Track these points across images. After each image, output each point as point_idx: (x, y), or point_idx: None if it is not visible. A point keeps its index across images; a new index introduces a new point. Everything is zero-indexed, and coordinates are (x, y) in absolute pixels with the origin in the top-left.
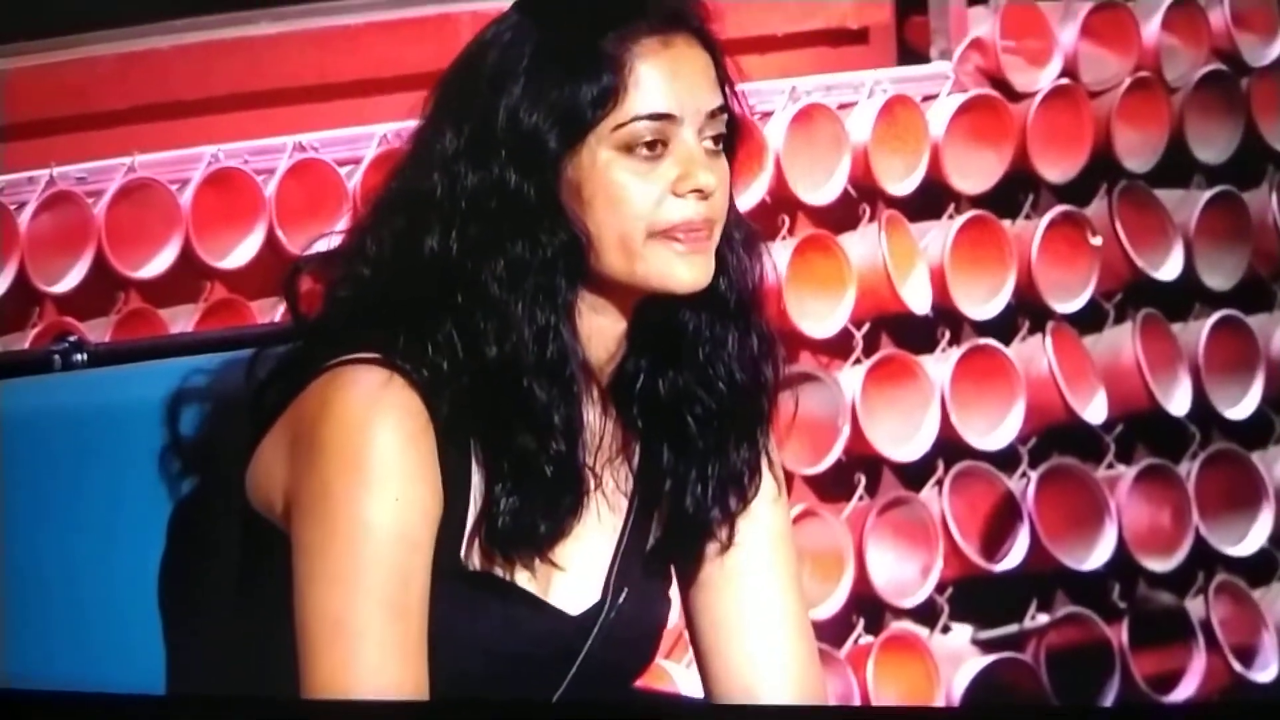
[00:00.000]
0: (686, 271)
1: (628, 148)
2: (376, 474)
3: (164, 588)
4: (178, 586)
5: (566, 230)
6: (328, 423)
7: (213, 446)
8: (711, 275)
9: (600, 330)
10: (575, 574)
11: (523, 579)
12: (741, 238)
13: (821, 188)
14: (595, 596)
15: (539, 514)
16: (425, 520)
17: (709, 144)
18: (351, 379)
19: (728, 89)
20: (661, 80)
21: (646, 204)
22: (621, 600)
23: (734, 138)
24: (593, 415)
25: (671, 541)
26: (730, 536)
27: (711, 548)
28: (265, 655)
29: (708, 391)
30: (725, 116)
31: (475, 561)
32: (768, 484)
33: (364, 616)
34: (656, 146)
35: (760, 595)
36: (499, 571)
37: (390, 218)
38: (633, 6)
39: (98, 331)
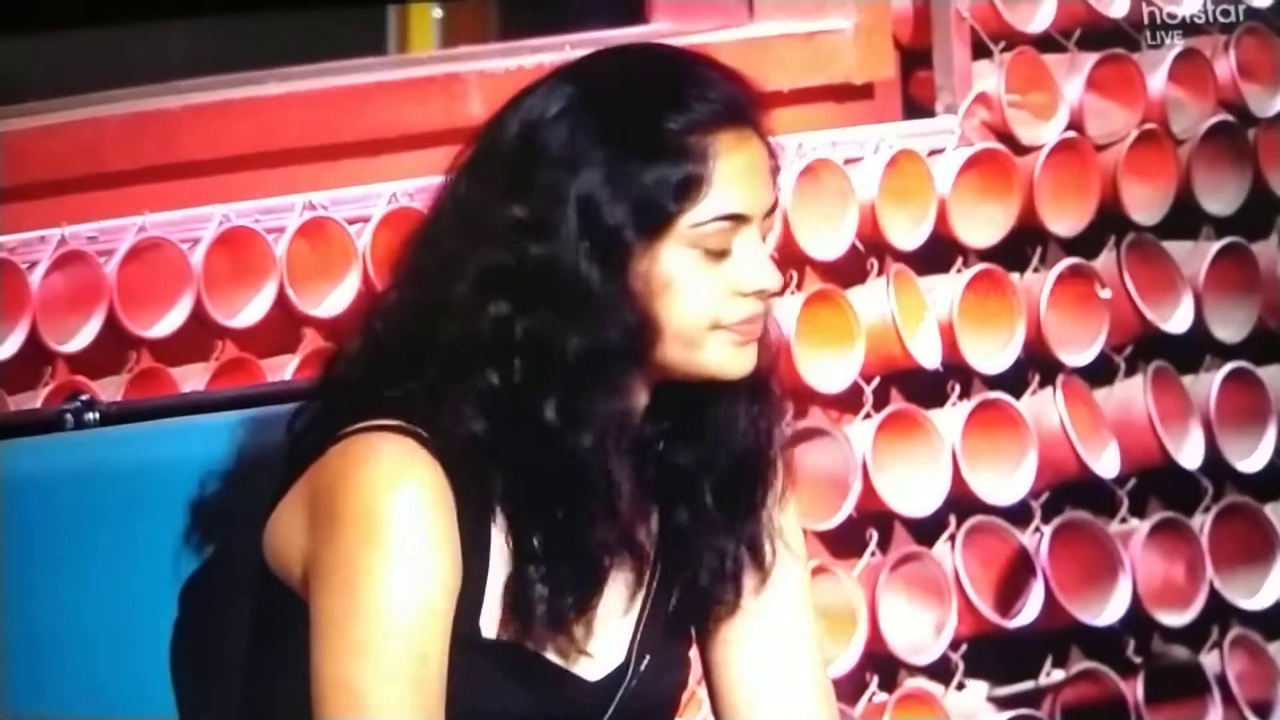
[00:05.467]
0: (742, 362)
1: (699, 244)
2: (396, 544)
3: (176, 649)
4: (190, 648)
5: (636, 318)
6: (347, 491)
7: (226, 506)
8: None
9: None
10: (595, 641)
11: (541, 648)
12: None
13: (829, 243)
14: (615, 662)
15: (575, 594)
16: (445, 591)
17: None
18: (371, 447)
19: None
20: (740, 179)
21: (713, 302)
22: (644, 667)
23: None
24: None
25: (692, 604)
26: (736, 603)
27: (727, 612)
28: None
29: (727, 457)
30: (776, 209)
31: (492, 631)
32: (791, 550)
33: (384, 689)
34: (726, 244)
35: (780, 656)
36: (516, 641)
37: (446, 284)
38: (707, 94)
39: (109, 390)
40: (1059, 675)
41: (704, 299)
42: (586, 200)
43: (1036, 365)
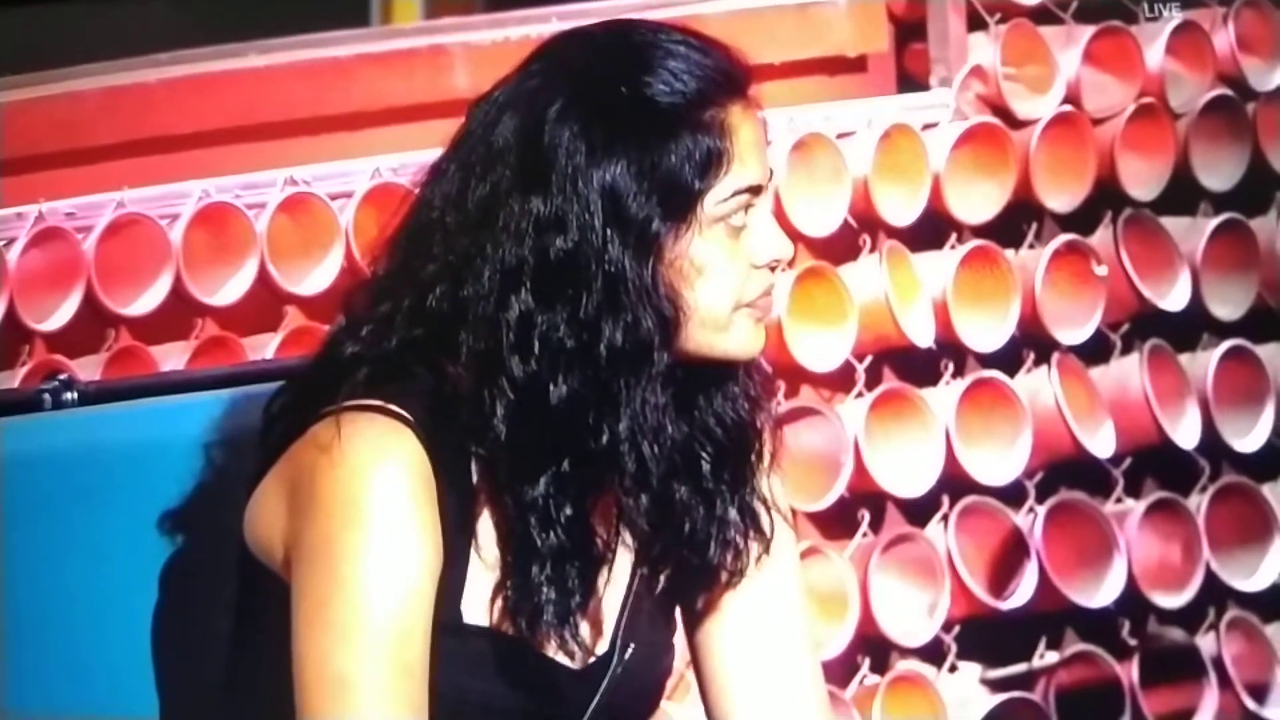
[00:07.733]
0: (760, 339)
1: (723, 222)
2: (377, 524)
3: (156, 630)
4: (170, 629)
5: (669, 306)
6: (327, 471)
7: (206, 487)
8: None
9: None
10: (581, 630)
11: (525, 635)
12: None
13: (821, 219)
14: (599, 650)
15: (582, 591)
16: (427, 572)
17: None
18: (352, 426)
19: None
20: (754, 150)
21: (737, 279)
22: (629, 654)
23: None
24: None
25: (680, 587)
26: (737, 576)
27: (720, 590)
28: (260, 703)
29: (723, 430)
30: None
31: (474, 617)
32: (780, 528)
33: (367, 673)
34: (744, 219)
35: (769, 639)
36: (498, 628)
37: (461, 274)
38: (710, 67)
39: (88, 369)
40: (1053, 657)
41: (731, 279)
42: (611, 190)
43: (1031, 343)
